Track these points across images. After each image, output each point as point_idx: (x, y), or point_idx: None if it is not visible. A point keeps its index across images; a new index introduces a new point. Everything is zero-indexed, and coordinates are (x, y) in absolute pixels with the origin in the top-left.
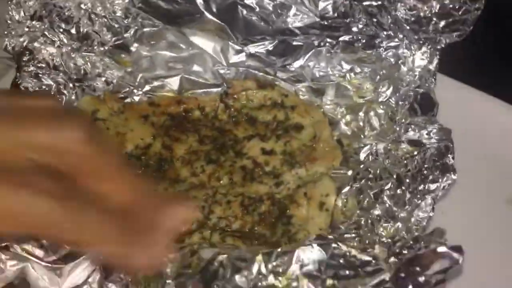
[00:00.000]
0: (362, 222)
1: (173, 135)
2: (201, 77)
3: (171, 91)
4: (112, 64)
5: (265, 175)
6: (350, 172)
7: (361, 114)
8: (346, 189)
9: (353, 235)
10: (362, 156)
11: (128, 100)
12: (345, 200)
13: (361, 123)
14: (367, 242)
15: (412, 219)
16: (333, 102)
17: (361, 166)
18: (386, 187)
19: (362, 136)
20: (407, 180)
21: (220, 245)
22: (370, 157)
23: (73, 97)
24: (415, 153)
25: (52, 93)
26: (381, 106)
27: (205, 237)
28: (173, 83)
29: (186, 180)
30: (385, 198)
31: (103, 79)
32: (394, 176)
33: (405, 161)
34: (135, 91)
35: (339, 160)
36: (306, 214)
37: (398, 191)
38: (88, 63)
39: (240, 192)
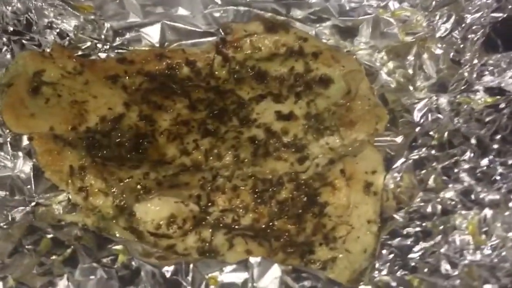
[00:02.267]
0: (429, 210)
1: (153, 101)
2: (189, 23)
3: (149, 45)
4: (67, 10)
5: (283, 148)
6: (400, 139)
7: (410, 58)
8: (399, 162)
9: (418, 230)
10: (416, 115)
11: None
12: (398, 179)
13: (410, 71)
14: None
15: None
16: (369, 45)
17: (418, 129)
18: (462, 158)
19: (412, 89)
20: (494, 146)
21: (230, 253)
22: (430, 115)
23: (8, 55)
24: (502, 105)
25: None
26: (439, 44)
27: (204, 238)
28: (152, 33)
29: (175, 160)
30: (462, 174)
31: (55, 31)
32: (473, 141)
33: (486, 118)
34: (99, 46)
35: (385, 123)
36: (346, 201)
37: (482, 162)
38: (33, 10)
39: (251, 173)
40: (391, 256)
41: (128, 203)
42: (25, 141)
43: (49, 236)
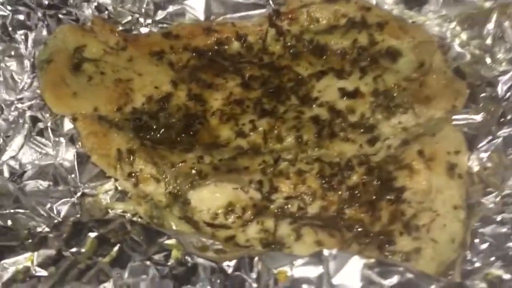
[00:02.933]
0: None
1: (203, 79)
2: None
3: (194, 19)
4: None
5: (350, 129)
6: (481, 116)
7: (489, 27)
8: (485, 141)
9: None
10: (501, 88)
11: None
12: (485, 159)
13: (488, 41)
14: None
15: None
16: (438, 14)
17: (504, 104)
18: None
19: (490, 61)
20: None
21: (298, 245)
22: None
23: (44, 32)
24: None
25: None
26: None
27: (267, 228)
28: (197, 5)
29: (230, 143)
30: None
31: (93, 5)
32: None
33: None
34: (141, 20)
35: (464, 99)
36: (426, 185)
37: None
38: None
39: (316, 156)
40: (486, 246)
41: (182, 189)
42: (67, 126)
43: (94, 234)
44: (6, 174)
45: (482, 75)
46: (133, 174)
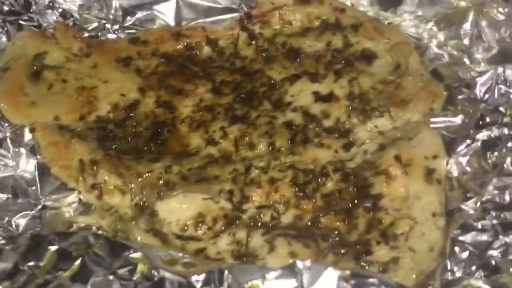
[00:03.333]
0: (507, 199)
1: (172, 85)
2: None
3: (164, 24)
4: None
5: (325, 134)
6: (460, 118)
7: (466, 26)
8: (463, 145)
9: (496, 222)
10: (480, 90)
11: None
12: (464, 164)
13: (466, 41)
14: None
15: None
16: (414, 15)
17: (482, 106)
18: None
19: (468, 62)
20: None
21: (271, 257)
22: (496, 90)
23: (3, 38)
24: None
25: None
26: (501, 9)
27: (239, 240)
28: (167, 11)
29: (200, 151)
30: None
31: (57, 11)
32: None
33: None
34: (108, 26)
35: (442, 101)
36: (404, 192)
37: None
38: None
39: (289, 163)
40: (466, 254)
41: (149, 201)
42: (27, 136)
43: (54, 247)
44: None
45: (460, 77)
46: (96, 186)
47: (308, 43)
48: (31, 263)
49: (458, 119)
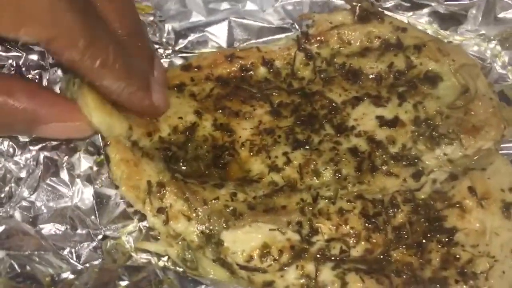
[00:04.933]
0: None
1: (228, 107)
2: (260, 18)
3: (216, 46)
4: None
5: (392, 161)
6: None
7: None
8: None
9: None
10: None
11: None
12: None
13: None
14: None
15: None
16: (476, 34)
17: None
18: None
19: None
20: None
21: None
22: None
23: (58, 71)
24: None
25: None
26: None
27: (307, 273)
28: (219, 32)
29: (263, 178)
30: None
31: None
32: None
33: None
34: (161, 51)
35: None
36: (480, 226)
37: None
38: None
39: (356, 192)
40: None
41: (215, 229)
42: (83, 166)
43: (125, 283)
44: (18, 218)
45: None
46: (162, 210)
47: (368, 64)
48: None
49: None
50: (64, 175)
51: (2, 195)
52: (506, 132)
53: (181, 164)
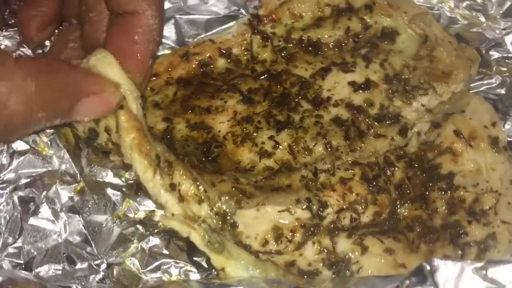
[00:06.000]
0: None
1: (197, 105)
2: (205, 11)
3: (168, 47)
4: None
5: (375, 122)
6: (498, 79)
7: None
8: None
9: None
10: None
11: None
12: None
13: (478, 0)
14: None
15: None
16: None
17: None
18: None
19: (484, 19)
20: None
21: (367, 258)
22: None
23: None
24: None
25: None
26: None
27: (326, 247)
28: (167, 33)
29: (255, 166)
30: None
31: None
32: None
33: None
34: None
35: (478, 64)
36: (475, 165)
37: None
38: None
39: (351, 160)
40: None
41: (229, 210)
42: (63, 197)
43: None
44: (9, 267)
45: (487, 37)
46: (174, 186)
47: (326, 33)
48: None
49: (495, 80)
50: (45, 211)
51: None
52: (472, 71)
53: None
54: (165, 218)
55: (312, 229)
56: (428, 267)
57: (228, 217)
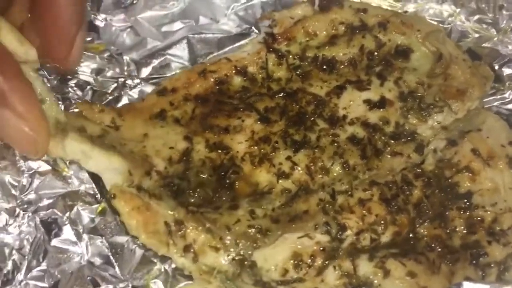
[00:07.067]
0: None
1: (216, 124)
2: (216, 30)
3: (181, 67)
4: None
5: (391, 140)
6: (509, 94)
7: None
8: None
9: None
10: None
11: (122, 101)
12: None
13: (489, 14)
14: None
15: None
16: None
17: None
18: None
19: (495, 33)
20: None
21: (389, 281)
22: None
23: None
24: None
25: None
26: None
27: (346, 271)
28: (180, 52)
29: (274, 188)
30: None
31: (73, 82)
32: None
33: None
34: (129, 82)
35: (491, 81)
36: (492, 184)
37: None
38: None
39: (369, 179)
40: None
41: (246, 252)
42: (85, 219)
43: None
44: None
45: (500, 52)
46: (189, 248)
47: (340, 51)
48: None
49: (508, 95)
50: (68, 232)
51: (6, 271)
52: (486, 88)
53: (188, 195)
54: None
55: (332, 252)
56: None
57: (246, 260)
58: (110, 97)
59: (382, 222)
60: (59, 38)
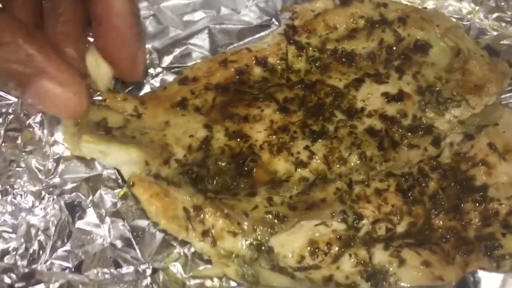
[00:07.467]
0: None
1: (236, 113)
2: (237, 21)
3: (202, 56)
4: None
5: (408, 133)
6: None
7: None
8: None
9: None
10: None
11: (144, 90)
12: None
13: (509, 12)
14: None
15: None
16: None
17: None
18: None
19: None
20: None
21: (404, 270)
22: None
23: None
24: None
25: None
26: None
27: (362, 259)
28: (201, 42)
29: (292, 176)
30: None
31: None
32: None
33: None
34: (151, 71)
35: (509, 78)
36: (508, 178)
37: None
38: None
39: (385, 170)
40: None
41: (264, 238)
42: (107, 202)
43: None
44: (58, 269)
45: None
46: (207, 232)
47: (360, 45)
48: None
49: None
50: (91, 215)
51: (32, 251)
52: (504, 84)
53: (207, 183)
54: (196, 270)
55: (348, 241)
56: (472, 279)
57: (263, 245)
58: (132, 86)
59: (398, 212)
60: (123, 53)
